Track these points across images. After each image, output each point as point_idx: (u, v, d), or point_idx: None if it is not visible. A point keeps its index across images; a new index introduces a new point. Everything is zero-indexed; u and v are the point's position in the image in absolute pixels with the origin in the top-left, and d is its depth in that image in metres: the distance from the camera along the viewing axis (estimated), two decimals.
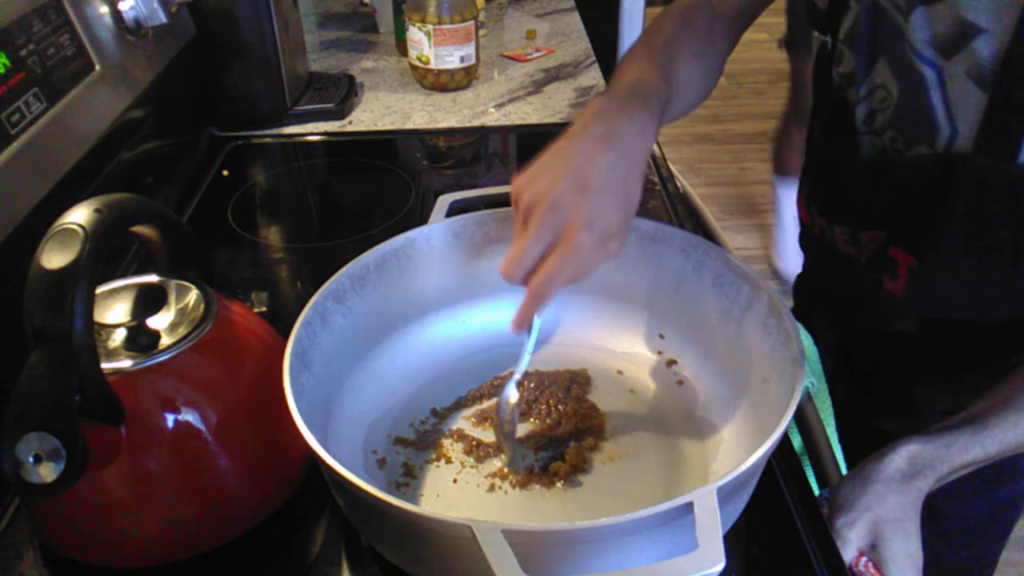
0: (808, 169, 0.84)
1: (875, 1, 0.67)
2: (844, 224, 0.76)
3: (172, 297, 0.60)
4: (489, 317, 0.76)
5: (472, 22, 1.27)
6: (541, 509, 0.61)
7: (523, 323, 0.60)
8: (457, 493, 0.63)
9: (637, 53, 0.72)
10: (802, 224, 0.87)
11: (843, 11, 0.72)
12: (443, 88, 1.32)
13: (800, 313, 0.96)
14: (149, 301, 0.58)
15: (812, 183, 0.83)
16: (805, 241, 0.90)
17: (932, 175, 0.66)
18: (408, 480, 0.64)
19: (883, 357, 0.84)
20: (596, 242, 0.57)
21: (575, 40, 1.53)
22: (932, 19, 0.62)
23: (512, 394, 0.65)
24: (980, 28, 0.59)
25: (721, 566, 0.42)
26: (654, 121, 0.64)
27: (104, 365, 0.52)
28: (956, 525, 0.84)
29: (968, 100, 0.62)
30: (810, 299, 0.97)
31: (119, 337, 0.56)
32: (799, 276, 0.99)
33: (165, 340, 0.57)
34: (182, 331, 0.57)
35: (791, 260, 2.40)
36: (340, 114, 1.23)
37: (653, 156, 1.11)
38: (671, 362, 0.73)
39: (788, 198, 2.34)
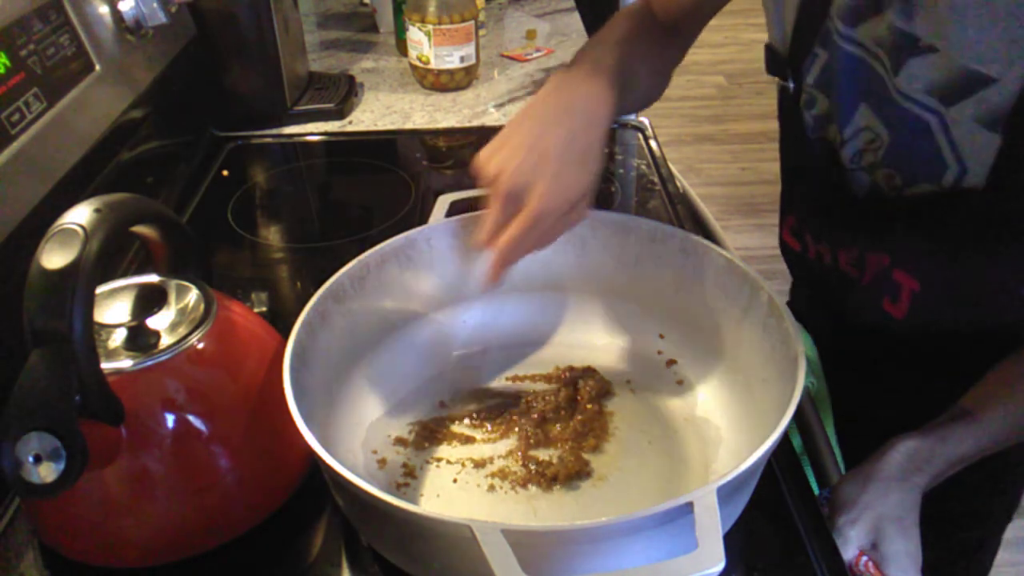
0: (792, 198, 0.84)
1: (852, 53, 0.68)
2: (851, 246, 0.76)
3: (172, 297, 0.60)
4: (488, 317, 0.76)
5: (472, 22, 1.27)
6: (541, 509, 0.61)
7: (492, 280, 0.63)
8: (457, 493, 0.63)
9: (595, 43, 0.75)
10: (790, 251, 0.86)
11: (806, 57, 0.73)
12: (443, 88, 1.32)
13: (797, 310, 0.96)
14: (149, 301, 0.58)
15: (802, 211, 0.83)
16: (795, 266, 0.90)
17: (938, 207, 0.67)
18: (408, 480, 0.64)
19: (882, 353, 0.84)
20: (556, 211, 0.60)
21: (575, 40, 1.53)
22: (929, 69, 0.63)
23: None
24: (990, 78, 0.60)
25: (721, 566, 0.42)
26: (614, 94, 0.67)
27: (104, 365, 0.52)
28: (962, 504, 0.84)
29: (978, 142, 0.63)
30: (805, 301, 0.97)
31: (119, 337, 0.56)
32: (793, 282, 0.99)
33: (165, 340, 0.57)
34: (182, 331, 0.57)
35: None
36: (340, 114, 1.23)
37: (653, 156, 1.11)
38: (671, 362, 0.73)
39: None
